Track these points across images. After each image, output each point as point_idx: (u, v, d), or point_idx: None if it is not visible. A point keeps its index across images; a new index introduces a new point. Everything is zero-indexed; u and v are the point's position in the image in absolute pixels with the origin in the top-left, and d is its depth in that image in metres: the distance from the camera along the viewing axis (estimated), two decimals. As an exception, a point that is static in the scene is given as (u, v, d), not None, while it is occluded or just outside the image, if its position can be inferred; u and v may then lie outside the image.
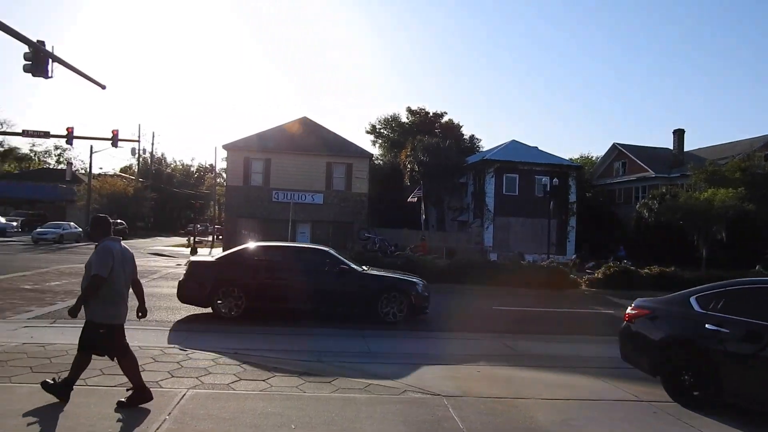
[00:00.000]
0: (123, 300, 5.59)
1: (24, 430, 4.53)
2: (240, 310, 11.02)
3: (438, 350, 9.11)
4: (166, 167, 78.73)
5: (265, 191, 33.98)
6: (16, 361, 6.61)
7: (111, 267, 5.29)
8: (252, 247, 12.08)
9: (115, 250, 5.44)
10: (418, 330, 11.05)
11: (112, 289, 5.36)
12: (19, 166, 75.93)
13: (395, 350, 8.98)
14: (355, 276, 11.55)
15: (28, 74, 12.26)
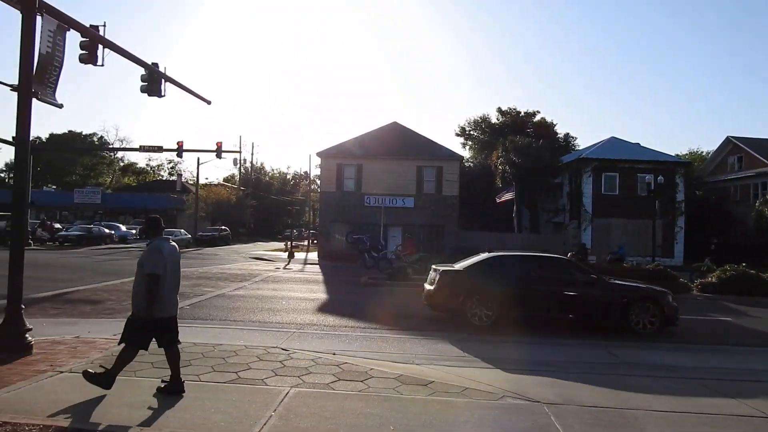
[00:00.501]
0: (174, 295, 5.90)
1: (146, 419, 4.92)
2: (491, 319, 11.07)
3: (535, 356, 8.82)
4: (265, 176, 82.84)
5: (357, 196, 34.72)
6: (138, 357, 7.16)
7: (165, 264, 5.63)
8: (497, 257, 12.13)
9: (164, 248, 5.79)
10: (514, 335, 10.77)
11: (162, 285, 5.65)
12: (137, 179, 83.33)
13: (489, 355, 8.81)
14: (607, 285, 11.40)
15: (144, 94, 13.42)
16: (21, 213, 7.49)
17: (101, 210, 58.97)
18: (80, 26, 8.91)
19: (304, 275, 23.22)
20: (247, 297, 14.96)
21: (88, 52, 10.00)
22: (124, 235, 44.74)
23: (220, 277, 20.12)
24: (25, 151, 7.31)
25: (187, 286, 16.65)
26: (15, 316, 7.09)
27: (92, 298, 13.66)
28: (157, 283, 5.56)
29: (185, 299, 13.92)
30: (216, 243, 46.87)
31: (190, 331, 9.61)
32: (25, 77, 6.87)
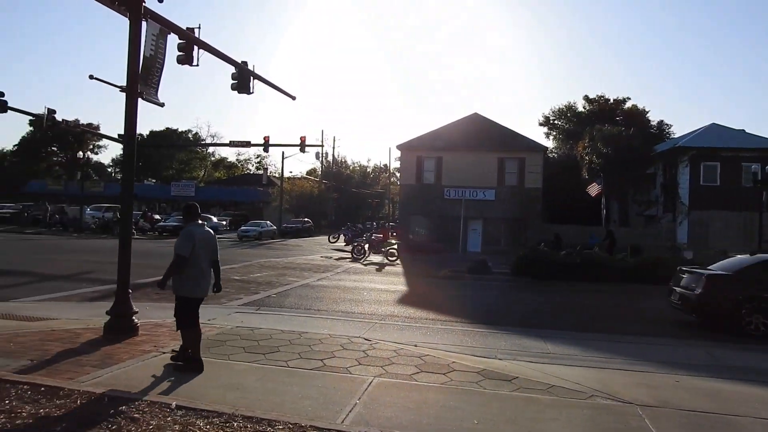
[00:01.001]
0: (203, 277, 6.22)
1: (240, 400, 5.20)
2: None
3: (627, 355, 8.42)
4: (346, 169, 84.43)
5: (437, 189, 34.59)
6: (231, 342, 7.63)
7: (192, 248, 6.01)
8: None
9: (197, 233, 6.18)
10: (606, 332, 10.35)
11: (193, 267, 6.05)
12: (227, 173, 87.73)
13: (577, 352, 8.52)
14: None
15: (234, 91, 14.07)
16: (128, 205, 8.13)
17: (194, 202, 62.58)
18: (179, 29, 9.48)
19: (384, 267, 23.48)
20: (330, 287, 15.36)
21: (184, 53, 10.63)
22: (215, 226, 47.21)
23: (304, 268, 20.79)
24: (132, 147, 7.92)
25: (274, 276, 17.37)
26: (124, 300, 7.72)
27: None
28: (182, 263, 6.00)
29: (272, 288, 14.56)
30: (300, 234, 48.41)
31: (277, 319, 10.07)
32: (132, 79, 7.44)
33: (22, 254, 21.19)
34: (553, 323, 11.16)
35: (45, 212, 43.81)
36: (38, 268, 16.67)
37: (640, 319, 12.33)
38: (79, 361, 6.26)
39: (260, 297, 12.94)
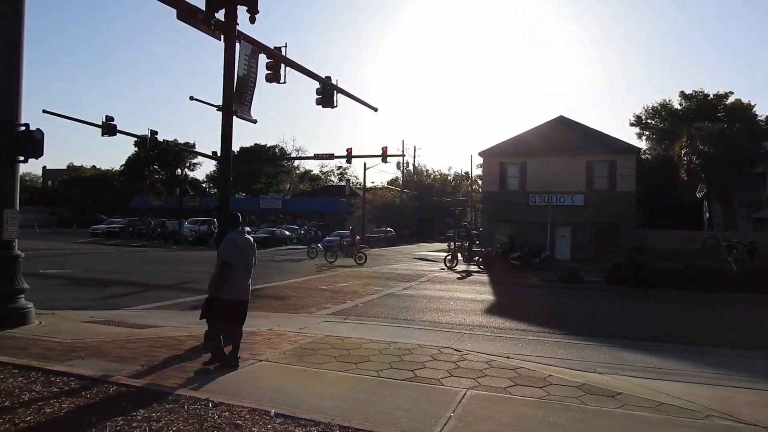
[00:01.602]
0: (244, 280, 6.63)
1: (335, 410, 5.24)
2: None
3: (747, 371, 7.68)
4: (427, 177, 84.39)
5: (522, 195, 33.67)
6: (323, 351, 7.75)
7: (235, 254, 6.44)
8: None
9: (238, 240, 6.61)
10: (718, 346, 9.53)
11: (236, 271, 6.47)
12: (311, 185, 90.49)
13: (686, 367, 7.88)
14: None
15: (319, 106, 14.47)
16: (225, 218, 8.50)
17: (282, 214, 64.99)
18: (268, 49, 9.88)
19: (469, 276, 23.12)
20: (416, 297, 15.31)
21: (272, 71, 11.07)
22: (300, 237, 48.78)
23: (388, 277, 20.89)
24: (228, 163, 8.31)
25: (359, 285, 17.58)
26: (222, 309, 8.04)
27: (279, 294, 15.07)
28: (227, 269, 6.39)
29: (359, 297, 14.72)
30: (382, 244, 48.87)
31: (365, 328, 10.14)
32: (228, 98, 7.82)
33: (130, 265, 22.88)
34: (656, 335, 10.44)
35: (148, 226, 47.12)
36: (144, 279, 17.91)
37: (758, 331, 11.27)
38: (183, 367, 6.59)
39: (347, 306, 13.11)
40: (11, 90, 8.74)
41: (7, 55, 8.69)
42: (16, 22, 8.77)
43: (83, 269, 20.07)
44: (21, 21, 8.84)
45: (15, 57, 8.76)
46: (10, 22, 8.71)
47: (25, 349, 7.15)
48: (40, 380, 5.74)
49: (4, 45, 8.66)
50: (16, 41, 8.76)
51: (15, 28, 8.75)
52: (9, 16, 8.69)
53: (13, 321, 8.51)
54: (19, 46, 8.80)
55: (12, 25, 8.72)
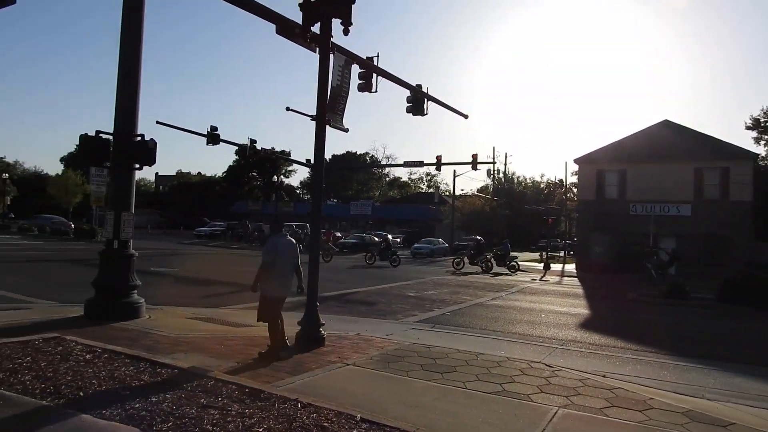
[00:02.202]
0: (288, 279, 7.28)
1: (420, 419, 5.20)
2: None
3: None
4: (518, 185, 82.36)
5: (621, 204, 31.88)
6: (409, 358, 7.74)
7: (275, 255, 7.07)
8: None
9: (279, 243, 7.23)
10: None
11: (278, 271, 7.13)
12: (400, 192, 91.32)
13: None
14: None
15: (409, 114, 14.56)
16: (317, 223, 8.79)
17: (371, 220, 66.07)
18: (360, 59, 10.10)
19: (562, 288, 22.22)
20: (505, 308, 14.93)
21: (364, 81, 11.29)
22: (389, 243, 49.30)
23: (477, 286, 20.55)
24: (321, 171, 8.57)
25: (447, 293, 17.43)
26: (313, 312, 8.30)
27: (367, 299, 15.28)
28: (267, 269, 7.08)
29: (446, 305, 14.59)
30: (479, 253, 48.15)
31: (452, 337, 10.02)
32: (321, 108, 8.08)
33: (228, 266, 24.21)
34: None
35: (246, 230, 49.70)
36: (241, 280, 18.83)
37: None
38: (275, 366, 6.84)
39: (434, 314, 13.03)
40: (130, 106, 9.63)
41: (129, 79, 9.71)
42: (135, 52, 9.72)
43: (187, 269, 21.52)
44: (139, 49, 9.74)
45: (134, 79, 9.73)
46: (130, 53, 9.69)
47: (137, 340, 7.76)
48: (148, 370, 6.20)
49: (126, 71, 9.68)
50: (135, 67, 9.75)
51: (134, 57, 9.71)
52: (131, 49, 9.68)
53: (126, 314, 9.29)
54: (137, 69, 9.78)
55: (132, 56, 9.69)
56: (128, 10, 9.61)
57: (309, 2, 7.90)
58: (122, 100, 9.64)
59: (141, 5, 9.69)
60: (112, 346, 7.20)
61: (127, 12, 9.62)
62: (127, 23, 9.63)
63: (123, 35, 9.65)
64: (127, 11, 9.62)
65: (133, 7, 9.62)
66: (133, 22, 9.65)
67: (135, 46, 9.68)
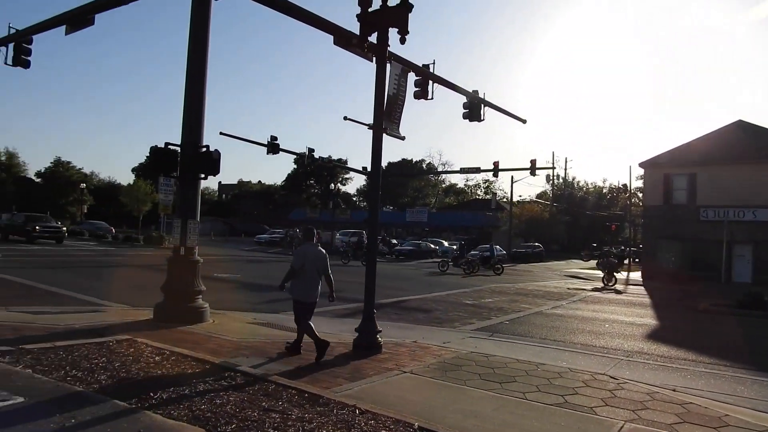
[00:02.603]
0: (313, 285, 7.68)
1: (477, 429, 5.12)
2: None
3: None
4: (579, 190, 79.97)
5: (691, 209, 30.33)
6: (467, 367, 7.64)
7: (303, 263, 7.56)
8: None
9: (308, 251, 7.71)
10: None
11: (305, 277, 7.58)
12: (456, 199, 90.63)
13: None
14: None
15: (466, 120, 14.45)
16: (374, 231, 8.85)
17: (427, 227, 65.89)
18: (417, 67, 10.14)
19: (626, 297, 21.34)
20: (566, 317, 14.49)
21: (420, 88, 11.32)
22: (446, 250, 48.88)
23: (536, 294, 20.07)
24: (377, 178, 8.65)
25: (505, 302, 17.11)
26: (370, 319, 8.36)
27: (423, 307, 15.22)
28: (293, 273, 7.60)
29: (504, 314, 14.32)
30: (529, 259, 47.16)
31: (511, 347, 9.82)
32: (378, 117, 8.16)
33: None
34: None
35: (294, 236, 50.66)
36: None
37: None
38: (333, 372, 6.93)
39: (493, 323, 12.82)
40: (196, 119, 10.10)
41: (195, 95, 10.24)
42: (201, 70, 10.25)
43: (248, 274, 22.16)
44: (204, 68, 10.23)
45: (199, 94, 10.27)
46: (197, 71, 10.23)
47: (201, 344, 8.06)
48: (213, 373, 6.42)
49: (193, 88, 10.22)
50: (200, 83, 10.28)
51: (200, 75, 10.24)
52: (197, 67, 10.20)
53: (192, 318, 9.66)
54: (203, 85, 10.29)
55: (198, 74, 10.22)
56: (195, 32, 10.08)
57: (367, 13, 8.02)
58: (189, 114, 10.10)
59: (207, 27, 10.12)
60: (179, 348, 7.50)
61: (193, 34, 10.09)
62: (193, 45, 10.09)
63: (190, 55, 10.13)
64: (194, 33, 10.08)
65: (200, 29, 10.08)
66: (199, 42, 10.09)
67: (201, 65, 10.13)
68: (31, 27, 13.62)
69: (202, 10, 10.13)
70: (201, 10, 10.13)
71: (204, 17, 10.17)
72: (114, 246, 37.57)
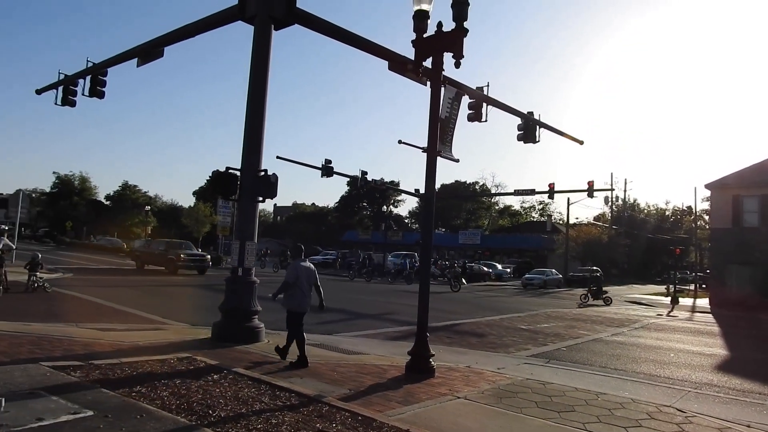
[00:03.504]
0: (303, 297, 8.42)
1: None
2: None
3: None
4: (639, 212, 77.12)
5: (763, 233, 28.65)
6: (523, 395, 7.43)
7: (296, 276, 8.34)
8: None
9: (300, 266, 8.47)
10: None
11: (297, 290, 8.34)
12: (510, 221, 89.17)
13: None
14: None
15: (520, 142, 14.30)
16: (428, 253, 8.83)
17: (480, 250, 65.04)
18: (470, 90, 10.17)
19: (693, 325, 20.25)
20: (627, 344, 13.89)
21: (474, 111, 11.31)
22: (500, 273, 48.04)
23: (594, 320, 19.36)
24: (432, 201, 8.66)
25: (562, 327, 16.59)
26: (422, 342, 8.29)
27: (476, 331, 14.96)
28: (287, 287, 8.32)
29: (561, 340, 13.87)
30: (587, 284, 45.56)
31: (569, 374, 9.49)
32: (433, 140, 8.21)
33: (339, 293, 24.92)
34: None
35: (358, 259, 50.98)
36: (352, 308, 19.34)
37: None
38: (386, 395, 6.90)
39: (549, 349, 12.44)
40: (255, 144, 10.49)
41: (257, 125, 10.66)
42: (260, 98, 10.67)
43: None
44: (263, 96, 10.64)
45: (260, 121, 10.61)
46: (256, 100, 10.67)
47: (257, 363, 8.21)
48: (268, 393, 6.52)
49: (253, 115, 10.65)
50: (260, 111, 10.71)
51: (259, 103, 10.67)
52: (257, 96, 10.66)
53: (248, 337, 9.88)
54: (263, 112, 10.67)
55: (257, 102, 10.66)
56: (256, 63, 10.52)
57: (422, 39, 8.14)
58: (249, 140, 10.49)
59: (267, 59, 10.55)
60: (236, 368, 7.68)
61: (254, 65, 10.53)
62: (254, 75, 10.54)
63: (251, 84, 10.59)
64: (255, 64, 10.53)
65: (260, 61, 10.52)
66: (260, 73, 10.55)
67: (260, 93, 10.56)
68: (107, 60, 14.58)
69: (262, 42, 10.56)
70: (262, 42, 10.57)
71: (264, 49, 10.60)
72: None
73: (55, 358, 7.37)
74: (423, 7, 8.26)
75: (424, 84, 8.69)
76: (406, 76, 9.06)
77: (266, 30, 10.55)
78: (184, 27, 12.40)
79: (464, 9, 7.80)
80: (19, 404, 5.15)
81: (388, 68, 9.39)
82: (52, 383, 6.05)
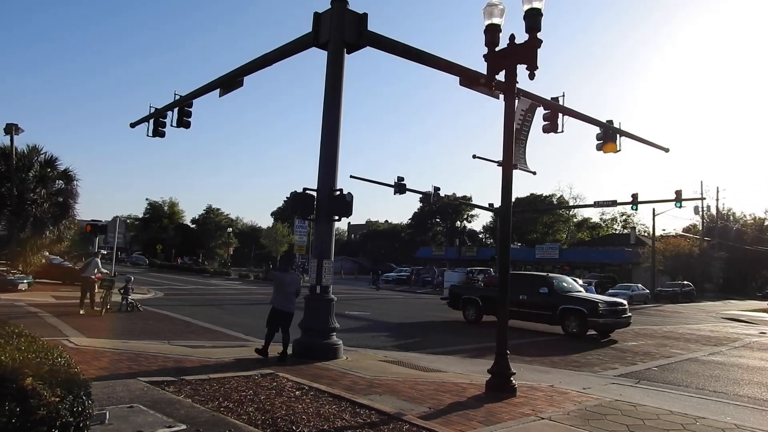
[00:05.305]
0: (287, 301, 10.04)
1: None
2: None
3: None
4: (735, 223, 71.72)
5: None
6: (612, 417, 7.05)
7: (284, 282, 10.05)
8: None
9: (285, 276, 10.11)
10: None
11: (284, 294, 10.00)
12: (590, 234, 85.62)
13: None
14: None
15: (599, 152, 13.76)
16: (506, 270, 8.64)
17: (558, 264, 62.80)
18: (545, 101, 9.95)
19: None
20: (727, 365, 12.86)
21: (549, 122, 11.04)
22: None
23: (688, 339, 18.10)
24: (509, 215, 8.50)
25: (652, 346, 15.64)
26: (503, 360, 8.08)
27: (558, 347, 14.38)
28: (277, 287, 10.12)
29: (651, 359, 13.06)
30: (677, 299, 42.87)
31: (661, 396, 8.91)
32: (508, 153, 8.07)
33: (414, 311, 24.87)
34: None
35: (433, 275, 50.78)
36: (429, 324, 19.23)
37: None
38: (466, 414, 6.77)
39: (638, 369, 11.75)
40: (331, 166, 10.79)
41: (332, 146, 11.03)
42: (335, 125, 11.05)
43: (378, 312, 22.60)
44: (338, 121, 10.98)
45: (334, 142, 10.99)
46: (331, 127, 11.05)
47: (337, 380, 8.32)
48: (348, 410, 6.58)
49: (330, 137, 11.00)
50: (334, 135, 11.04)
51: (334, 130, 11.04)
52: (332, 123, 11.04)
53: (327, 354, 10.05)
54: (336, 137, 11.06)
55: (332, 129, 11.03)
56: (330, 85, 10.86)
57: (494, 52, 8.07)
58: (324, 161, 10.80)
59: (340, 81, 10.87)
60: (317, 384, 7.82)
61: (329, 88, 10.88)
62: (329, 98, 10.91)
63: (325, 107, 10.95)
64: (329, 87, 10.88)
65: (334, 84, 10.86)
66: (334, 96, 10.90)
67: (335, 115, 10.89)
68: (192, 93, 15.55)
69: (336, 66, 10.88)
70: (335, 66, 10.89)
71: (338, 73, 10.90)
72: (256, 285, 40.49)
73: (150, 373, 7.84)
74: (494, 21, 8.20)
75: (497, 98, 8.60)
76: (477, 90, 9.00)
77: (339, 54, 10.87)
78: (262, 56, 13.00)
79: (538, 20, 7.66)
80: (120, 417, 5.50)
81: (460, 83, 9.37)
82: (149, 398, 6.42)
